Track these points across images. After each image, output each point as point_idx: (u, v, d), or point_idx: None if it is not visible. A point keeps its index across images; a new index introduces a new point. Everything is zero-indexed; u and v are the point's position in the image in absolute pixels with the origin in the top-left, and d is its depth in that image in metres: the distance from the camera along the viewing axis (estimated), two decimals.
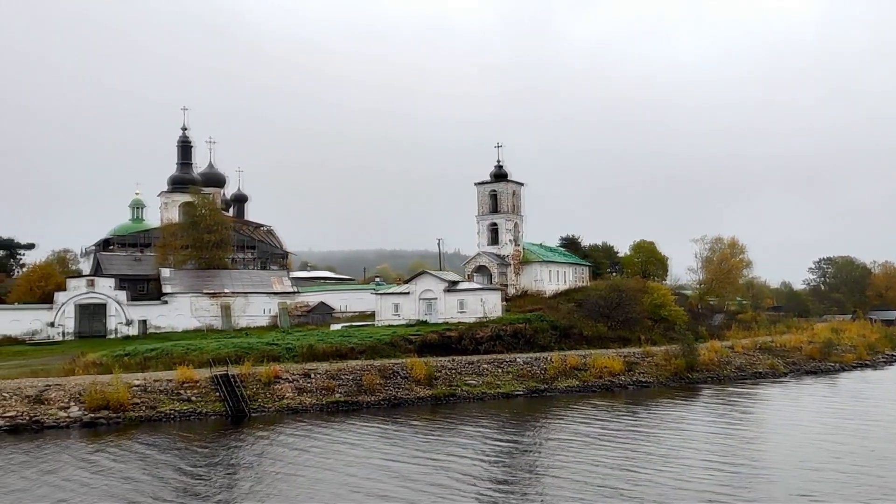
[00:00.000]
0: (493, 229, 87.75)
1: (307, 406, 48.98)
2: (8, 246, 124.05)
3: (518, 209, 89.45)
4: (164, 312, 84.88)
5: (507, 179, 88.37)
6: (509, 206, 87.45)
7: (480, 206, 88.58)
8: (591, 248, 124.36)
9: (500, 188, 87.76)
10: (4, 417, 43.86)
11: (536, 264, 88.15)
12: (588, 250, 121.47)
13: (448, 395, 52.46)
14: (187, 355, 58.16)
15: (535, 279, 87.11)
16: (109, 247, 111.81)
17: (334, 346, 60.41)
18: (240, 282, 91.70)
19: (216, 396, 48.72)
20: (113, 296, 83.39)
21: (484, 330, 65.07)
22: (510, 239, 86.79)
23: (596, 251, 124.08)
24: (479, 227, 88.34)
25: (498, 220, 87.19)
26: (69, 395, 46.77)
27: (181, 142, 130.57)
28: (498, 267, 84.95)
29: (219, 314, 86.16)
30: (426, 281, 76.43)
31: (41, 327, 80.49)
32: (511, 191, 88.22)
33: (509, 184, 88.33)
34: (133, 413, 45.78)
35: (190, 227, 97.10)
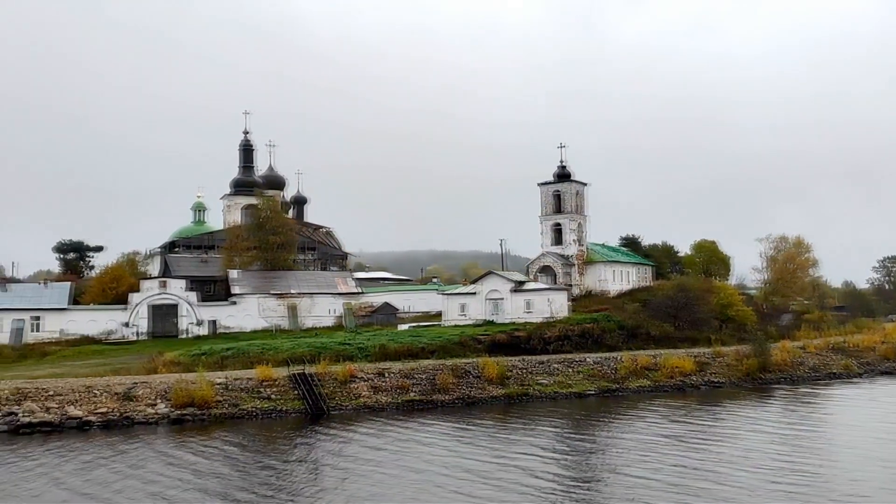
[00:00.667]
0: (557, 229, 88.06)
1: (383, 404, 50.07)
2: (78, 248, 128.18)
3: (582, 209, 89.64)
4: (233, 313, 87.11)
5: (570, 179, 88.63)
6: (573, 206, 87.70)
7: (544, 207, 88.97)
8: (651, 248, 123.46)
9: (564, 188, 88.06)
10: (97, 413, 45.84)
11: (601, 264, 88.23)
12: (648, 250, 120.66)
13: (521, 395, 53.06)
14: (263, 355, 59.90)
15: (600, 279, 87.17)
16: (175, 249, 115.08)
17: (405, 345, 61.54)
18: (305, 283, 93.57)
19: (295, 395, 50.11)
20: (184, 297, 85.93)
21: (552, 330, 65.47)
22: (574, 239, 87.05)
23: (655, 251, 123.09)
24: (542, 228, 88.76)
25: (562, 221, 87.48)
26: (156, 393, 48.65)
27: (243, 145, 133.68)
28: (562, 267, 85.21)
29: (285, 314, 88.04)
30: (493, 281, 77.13)
31: (116, 327, 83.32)
32: (574, 191, 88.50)
33: (573, 184, 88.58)
34: (217, 410, 47.42)
35: (255, 229, 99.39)
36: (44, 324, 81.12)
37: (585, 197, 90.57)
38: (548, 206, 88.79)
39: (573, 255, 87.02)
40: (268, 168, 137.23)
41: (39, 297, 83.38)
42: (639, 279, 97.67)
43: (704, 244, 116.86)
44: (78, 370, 61.71)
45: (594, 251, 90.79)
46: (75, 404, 46.52)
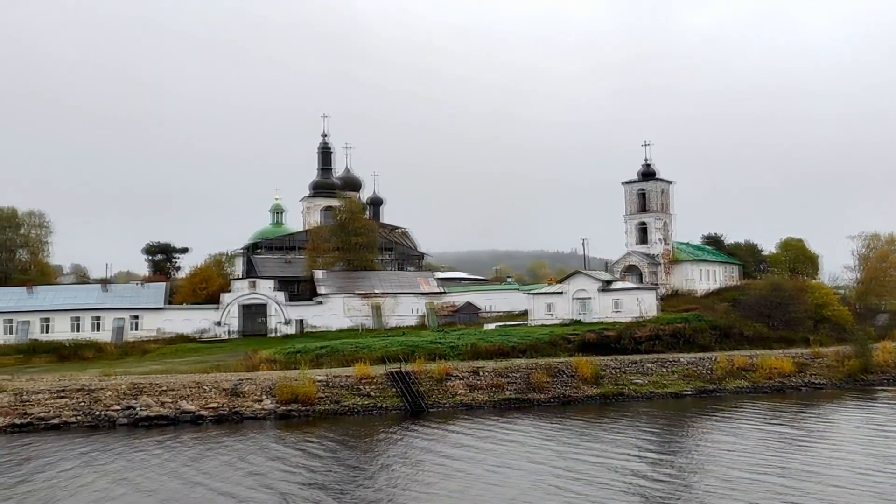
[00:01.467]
0: (642, 228, 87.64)
1: (480, 402, 50.93)
2: (165, 250, 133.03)
3: (667, 207, 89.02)
4: (320, 312, 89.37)
5: (655, 178, 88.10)
6: (658, 205, 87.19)
7: (628, 206, 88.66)
8: (733, 247, 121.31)
9: (649, 187, 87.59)
10: (208, 408, 47.95)
11: (687, 263, 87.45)
12: (731, 249, 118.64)
13: (616, 394, 53.24)
14: (357, 353, 61.42)
15: (687, 278, 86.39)
16: (257, 250, 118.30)
17: (496, 344, 62.29)
18: (388, 283, 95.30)
19: (393, 392, 51.38)
20: (273, 297, 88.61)
21: (642, 329, 65.31)
22: (660, 238, 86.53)
23: (739, 249, 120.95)
24: (626, 227, 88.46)
25: (647, 219, 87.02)
26: (261, 389, 50.54)
27: (321, 148, 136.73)
28: (648, 266, 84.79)
29: (370, 314, 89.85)
30: (580, 281, 77.29)
31: (209, 326, 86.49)
32: (660, 189, 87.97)
33: (658, 182, 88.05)
34: (320, 407, 49.07)
35: (338, 230, 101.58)
36: (142, 322, 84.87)
37: (671, 195, 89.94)
38: (632, 204, 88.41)
39: (659, 255, 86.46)
40: (344, 170, 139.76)
41: (138, 298, 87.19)
42: (725, 278, 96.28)
43: (791, 242, 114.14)
44: (178, 367, 64.45)
45: (680, 250, 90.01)
46: (187, 399, 48.75)
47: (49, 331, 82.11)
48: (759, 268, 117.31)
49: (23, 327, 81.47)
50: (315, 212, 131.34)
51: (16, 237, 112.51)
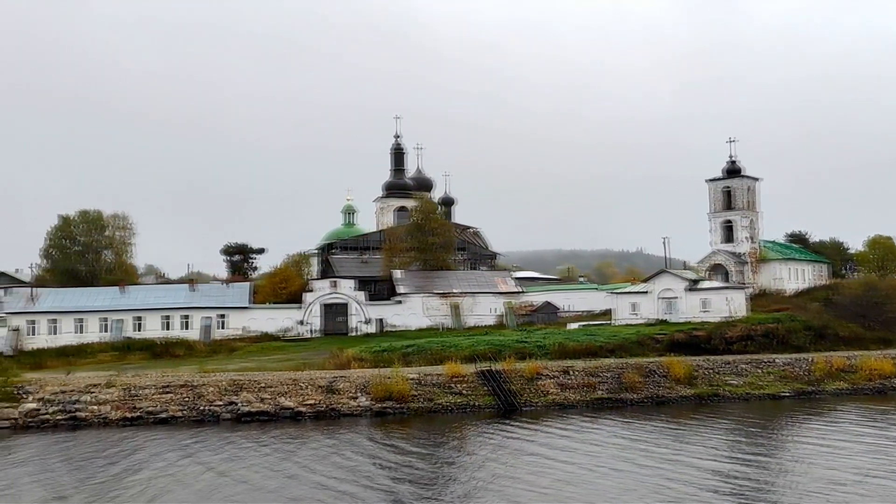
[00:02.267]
0: (728, 227, 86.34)
1: (572, 402, 51.08)
2: (242, 251, 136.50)
3: (753, 205, 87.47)
4: (399, 312, 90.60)
5: (740, 175, 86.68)
6: (744, 203, 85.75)
7: (713, 204, 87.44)
8: (818, 245, 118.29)
9: (734, 184, 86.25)
10: (306, 405, 49.33)
11: (775, 262, 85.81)
12: (815, 246, 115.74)
13: (711, 395, 52.70)
14: (444, 352, 62.09)
15: (775, 277, 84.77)
16: (332, 250, 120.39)
17: (583, 344, 62.19)
18: (466, 282, 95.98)
19: (485, 391, 51.92)
20: (353, 296, 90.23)
21: (733, 330, 64.35)
22: (746, 236, 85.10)
23: (824, 247, 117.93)
24: (711, 225, 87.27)
25: (733, 218, 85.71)
26: (355, 387, 51.66)
27: (394, 149, 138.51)
28: (735, 265, 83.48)
29: (448, 313, 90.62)
30: (665, 280, 76.60)
31: (292, 325, 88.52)
32: (746, 186, 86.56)
33: (744, 179, 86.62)
34: (414, 404, 49.90)
35: (414, 230, 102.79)
36: (228, 321, 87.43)
37: (757, 192, 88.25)
38: (717, 202, 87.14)
39: (746, 253, 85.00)
40: (416, 170, 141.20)
41: (223, 297, 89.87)
42: (815, 278, 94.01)
43: (880, 240, 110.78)
44: (266, 365, 66.19)
45: (768, 248, 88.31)
46: (285, 396, 50.20)
47: (141, 329, 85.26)
48: (846, 266, 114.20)
49: (117, 325, 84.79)
50: (388, 212, 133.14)
51: (101, 239, 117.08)
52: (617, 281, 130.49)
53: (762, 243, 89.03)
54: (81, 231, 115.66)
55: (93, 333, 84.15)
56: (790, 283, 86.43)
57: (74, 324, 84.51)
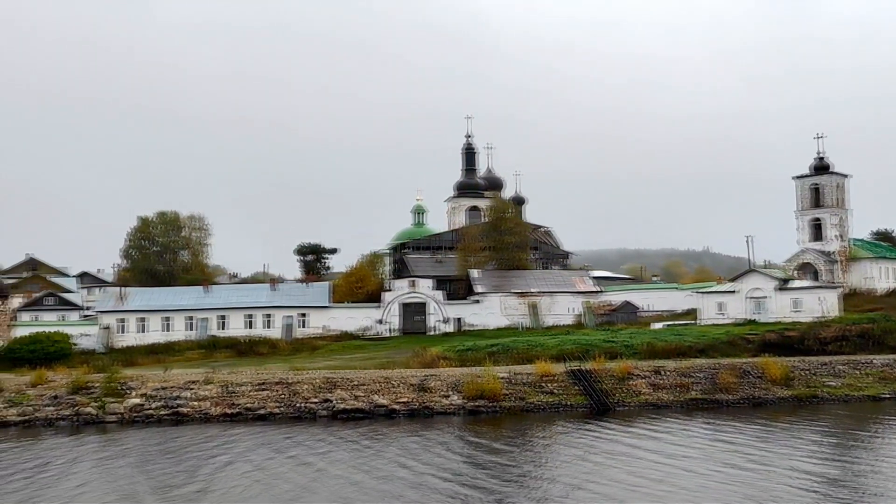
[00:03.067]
0: (816, 224, 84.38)
1: (665, 402, 50.67)
2: (315, 251, 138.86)
3: (843, 202, 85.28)
4: (477, 311, 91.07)
5: (829, 172, 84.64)
6: (834, 200, 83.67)
7: (801, 201, 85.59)
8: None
9: (823, 181, 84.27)
10: (399, 403, 50.07)
11: (866, 261, 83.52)
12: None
13: (809, 397, 51.63)
14: (529, 351, 62.25)
15: (866, 276, 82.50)
16: (404, 250, 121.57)
17: (672, 343, 61.60)
18: (544, 281, 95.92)
19: (576, 390, 51.87)
20: (431, 295, 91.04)
21: (827, 330, 62.85)
22: (836, 234, 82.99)
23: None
24: (798, 223, 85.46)
25: (821, 215, 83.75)
26: (446, 385, 52.18)
27: (465, 148, 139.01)
28: (824, 264, 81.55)
29: (526, 313, 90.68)
30: (754, 279, 75.32)
31: (371, 324, 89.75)
32: (835, 183, 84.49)
33: (833, 176, 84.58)
34: (506, 403, 50.18)
35: (490, 230, 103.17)
36: (309, 320, 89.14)
37: (846, 189, 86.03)
38: (804, 200, 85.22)
39: (835, 252, 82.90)
40: (486, 170, 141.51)
41: (304, 296, 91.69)
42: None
43: None
44: (349, 363, 67.28)
45: (858, 247, 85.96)
46: (378, 393, 51.01)
47: (225, 327, 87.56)
48: None
49: (202, 324, 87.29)
50: (460, 212, 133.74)
51: (178, 239, 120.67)
52: (687, 281, 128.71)
53: (852, 241, 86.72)
54: (159, 232, 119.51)
55: (179, 332, 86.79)
56: (881, 282, 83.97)
57: (161, 322, 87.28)
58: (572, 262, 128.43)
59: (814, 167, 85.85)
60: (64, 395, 50.54)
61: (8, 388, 51.58)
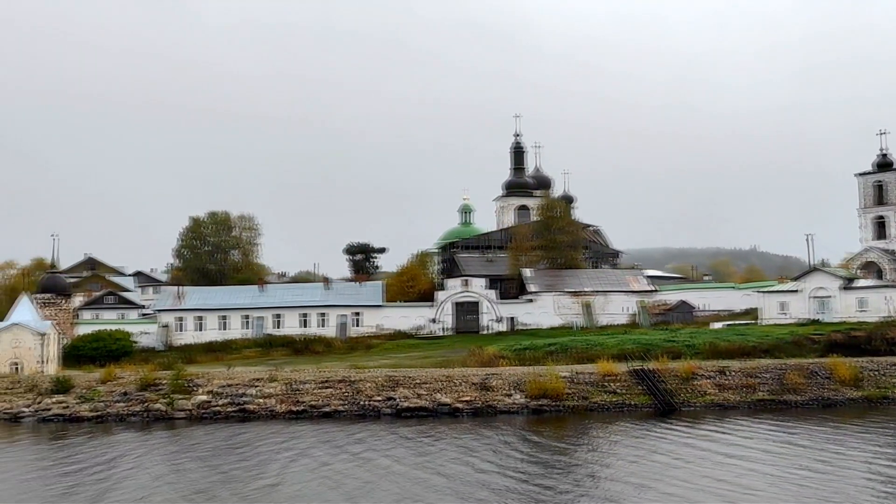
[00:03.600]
0: (879, 222, 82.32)
1: (732, 403, 50.09)
2: (364, 250, 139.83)
3: None
4: (530, 310, 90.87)
5: (893, 168, 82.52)
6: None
7: (863, 199, 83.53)
8: None
9: (887, 178, 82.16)
10: (462, 401, 50.18)
11: None
12: None
13: (880, 398, 50.63)
14: (588, 351, 61.94)
15: None
16: (453, 249, 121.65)
17: (735, 343, 60.80)
18: (597, 280, 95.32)
19: (640, 390, 51.45)
20: (485, 294, 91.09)
21: (894, 330, 61.34)
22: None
23: None
24: (861, 221, 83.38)
25: (885, 213, 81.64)
26: (508, 384, 52.17)
27: (514, 147, 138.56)
28: (889, 263, 79.47)
29: (579, 312, 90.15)
30: (817, 278, 73.95)
31: (424, 323, 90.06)
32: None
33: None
34: (569, 402, 50.01)
35: (542, 229, 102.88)
36: (362, 319, 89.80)
37: None
38: (867, 197, 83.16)
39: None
40: (534, 169, 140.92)
41: (358, 295, 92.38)
42: None
43: None
44: (404, 361, 67.70)
45: None
46: (441, 392, 51.18)
47: (280, 326, 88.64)
48: None
49: (258, 322, 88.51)
50: (509, 211, 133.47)
51: (229, 239, 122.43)
52: (737, 280, 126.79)
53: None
54: (210, 231, 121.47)
55: (235, 330, 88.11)
56: None
57: (218, 321, 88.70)
58: (622, 261, 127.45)
59: (877, 164, 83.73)
60: (133, 391, 51.68)
61: (79, 385, 52.91)
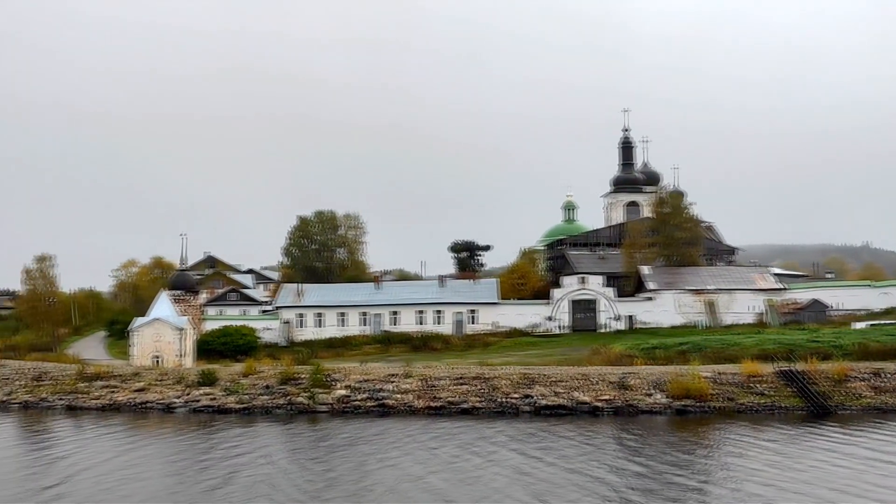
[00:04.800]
0: None
1: (891, 406, 47.65)
2: (469, 248, 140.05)
3: None
4: (650, 308, 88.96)
5: None
6: None
7: None
8: None
9: None
10: (601, 400, 49.41)
11: None
12: None
13: None
14: (724, 350, 60.13)
15: None
16: (559, 246, 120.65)
17: (886, 344, 57.85)
18: (719, 278, 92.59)
19: (789, 392, 49.52)
20: (602, 292, 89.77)
21: None
22: None
23: None
24: None
25: None
26: (647, 383, 51.06)
27: (622, 143, 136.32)
28: None
29: (702, 311, 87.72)
30: None
31: (540, 321, 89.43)
32: None
33: None
34: (714, 403, 48.53)
35: (659, 225, 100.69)
36: (478, 316, 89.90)
37: None
38: None
39: None
40: (642, 164, 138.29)
41: (473, 293, 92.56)
42: None
43: None
44: (526, 359, 67.22)
45: None
46: (579, 390, 50.51)
47: (396, 323, 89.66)
48: None
49: (375, 319, 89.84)
50: (618, 207, 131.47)
51: (335, 238, 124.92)
52: (852, 277, 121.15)
53: None
54: (317, 230, 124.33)
55: (353, 327, 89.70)
56: None
57: (337, 317, 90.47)
58: (738, 258, 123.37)
59: None
60: (275, 385, 53.10)
61: (222, 378, 54.70)
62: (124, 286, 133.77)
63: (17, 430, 48.39)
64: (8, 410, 53.45)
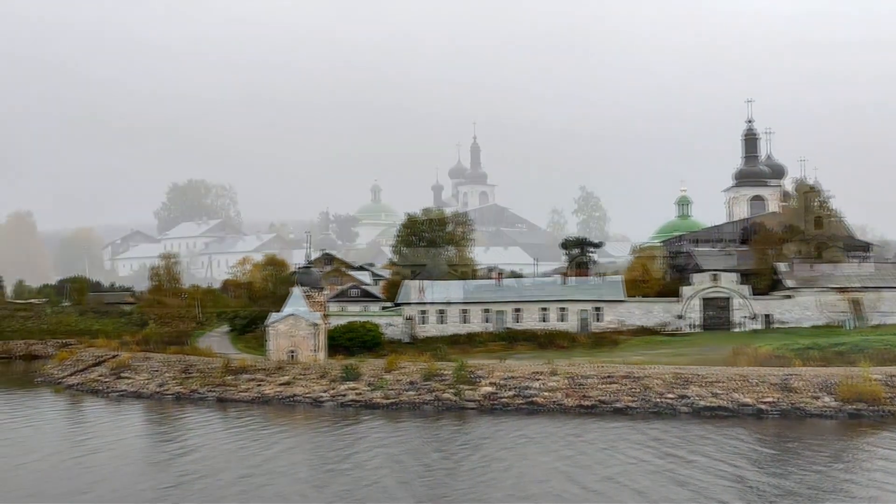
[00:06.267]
0: None
1: None
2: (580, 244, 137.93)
3: None
4: (788, 307, 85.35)
5: None
6: None
7: None
8: None
9: None
10: (765, 402, 47.67)
11: None
12: None
13: None
14: (887, 351, 57.05)
15: None
16: (678, 242, 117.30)
17: None
18: (864, 276, 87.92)
19: None
20: (737, 290, 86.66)
21: None
22: None
23: None
24: None
25: None
26: (812, 385, 48.81)
27: (745, 134, 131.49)
28: None
29: (846, 309, 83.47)
30: None
31: (669, 319, 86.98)
32: None
33: None
34: (889, 407, 46.13)
35: (796, 220, 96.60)
36: (604, 314, 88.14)
37: None
38: None
39: None
40: (766, 157, 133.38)
41: (598, 290, 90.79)
42: None
43: None
44: (658, 358, 65.09)
45: None
46: (739, 392, 48.73)
47: (519, 320, 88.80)
48: None
49: (498, 317, 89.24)
50: (742, 202, 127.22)
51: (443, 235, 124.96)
52: None
53: None
54: (425, 228, 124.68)
55: (475, 323, 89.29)
56: None
57: (460, 314, 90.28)
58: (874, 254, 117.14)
59: None
60: (419, 381, 53.22)
61: (365, 373, 55.16)
62: (236, 283, 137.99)
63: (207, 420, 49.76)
64: (162, 401, 55.46)
